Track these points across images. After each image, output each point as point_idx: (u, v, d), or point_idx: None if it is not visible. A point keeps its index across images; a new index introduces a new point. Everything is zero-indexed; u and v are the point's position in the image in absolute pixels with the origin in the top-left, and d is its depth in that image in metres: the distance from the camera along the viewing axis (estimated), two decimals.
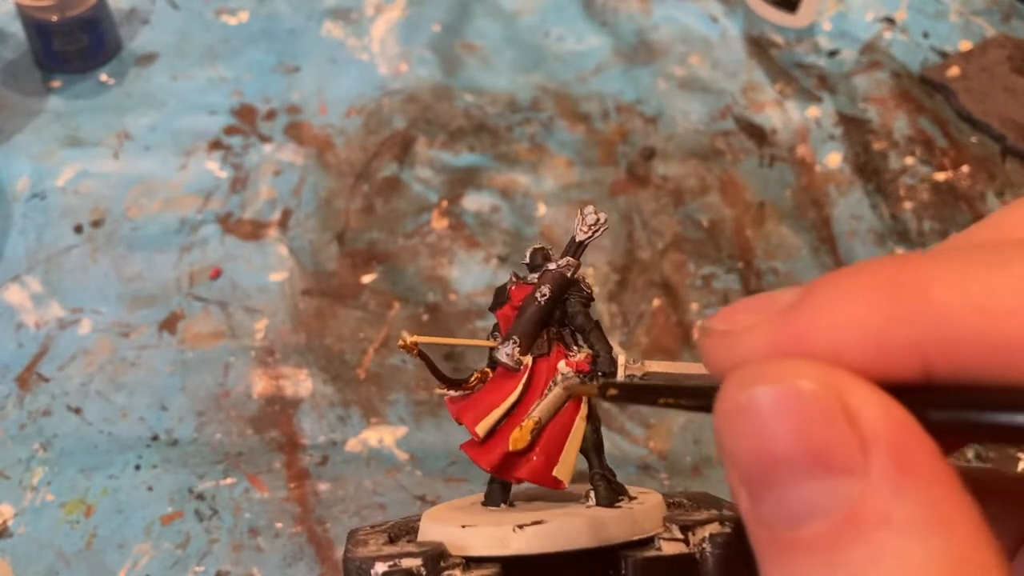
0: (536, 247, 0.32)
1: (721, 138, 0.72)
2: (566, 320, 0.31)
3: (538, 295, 0.30)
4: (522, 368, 0.30)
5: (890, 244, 0.67)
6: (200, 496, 0.53)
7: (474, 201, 0.68)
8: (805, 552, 0.15)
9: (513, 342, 0.30)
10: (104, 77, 0.74)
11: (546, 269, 0.31)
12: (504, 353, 0.30)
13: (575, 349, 0.31)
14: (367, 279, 0.63)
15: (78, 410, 0.56)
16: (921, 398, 0.15)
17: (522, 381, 0.30)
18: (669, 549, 0.29)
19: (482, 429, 0.29)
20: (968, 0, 0.82)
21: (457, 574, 0.26)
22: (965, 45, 0.79)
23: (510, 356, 0.30)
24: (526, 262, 0.32)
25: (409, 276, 0.64)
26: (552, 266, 0.31)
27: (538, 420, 0.29)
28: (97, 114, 0.71)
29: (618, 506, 0.30)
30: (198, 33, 0.77)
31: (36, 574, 0.50)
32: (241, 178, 0.68)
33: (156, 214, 0.66)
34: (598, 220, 0.31)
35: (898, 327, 0.15)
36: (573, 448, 0.30)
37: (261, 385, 0.58)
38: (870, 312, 0.16)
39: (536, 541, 0.27)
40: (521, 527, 0.27)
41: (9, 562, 0.51)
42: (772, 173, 0.70)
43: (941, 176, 0.71)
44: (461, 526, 0.27)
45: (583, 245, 0.31)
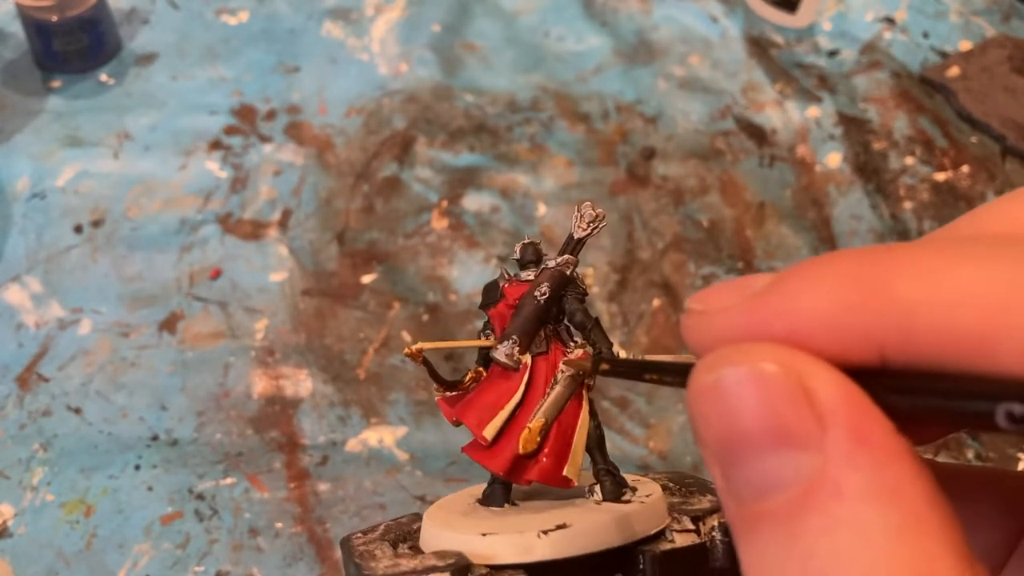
0: (526, 242, 0.32)
1: (721, 138, 0.72)
2: (563, 317, 0.31)
3: (537, 293, 0.30)
4: (521, 367, 0.30)
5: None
6: (200, 496, 0.53)
7: (474, 201, 0.68)
8: (769, 523, 0.16)
9: (512, 341, 0.30)
10: (104, 77, 0.74)
11: (545, 267, 0.31)
12: (503, 352, 0.30)
13: (572, 345, 0.30)
14: (367, 279, 0.63)
15: (78, 410, 0.56)
16: (880, 382, 0.16)
17: (524, 381, 0.30)
18: (682, 540, 0.29)
19: (490, 432, 0.29)
20: (968, 0, 0.82)
21: None
22: (965, 45, 0.79)
23: (509, 355, 0.30)
24: (516, 258, 0.32)
25: (409, 276, 0.64)
26: (551, 264, 0.31)
27: (545, 421, 0.29)
28: (97, 114, 0.71)
29: (625, 500, 0.30)
30: (198, 33, 0.77)
31: (36, 574, 0.50)
32: (241, 178, 0.68)
33: (156, 214, 0.66)
34: (596, 216, 0.31)
35: (856, 315, 0.16)
36: (580, 446, 0.30)
37: (261, 385, 0.58)
38: (832, 300, 0.17)
39: (561, 546, 0.27)
40: (545, 532, 0.27)
41: (9, 562, 0.51)
42: (772, 173, 0.70)
43: (941, 176, 0.71)
44: (481, 534, 0.27)
45: (582, 242, 0.31)
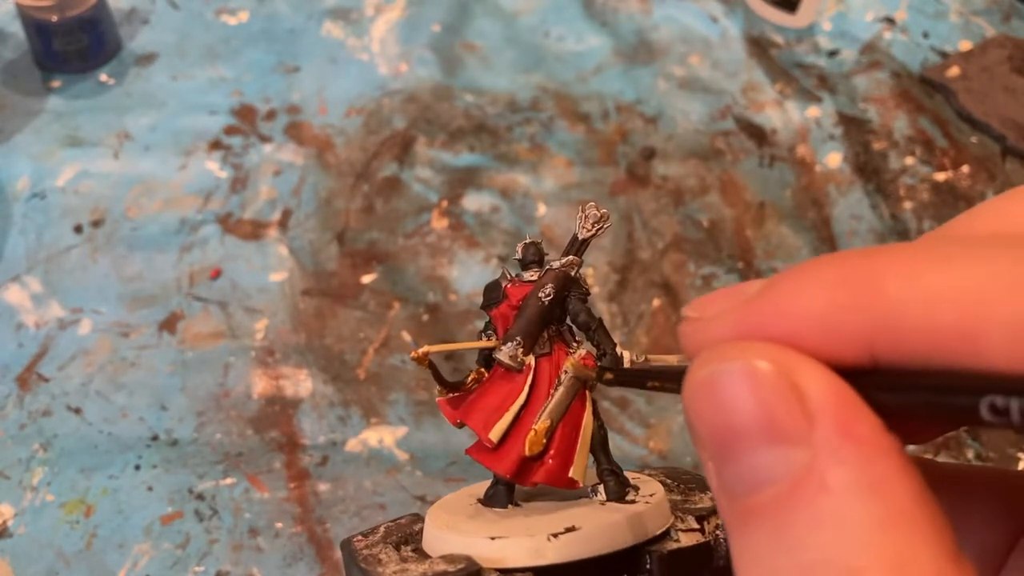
0: (527, 242, 0.31)
1: (721, 138, 0.72)
2: (566, 318, 0.31)
3: (541, 294, 0.30)
4: (525, 368, 0.30)
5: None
6: (200, 496, 0.53)
7: (474, 201, 0.68)
8: (759, 518, 0.17)
9: (516, 342, 0.30)
10: (104, 77, 0.74)
11: (548, 268, 0.31)
12: (506, 354, 0.30)
13: (575, 346, 0.30)
14: (367, 279, 0.63)
15: (78, 410, 0.56)
16: (870, 380, 0.17)
17: (528, 382, 0.30)
18: (687, 540, 0.29)
19: (495, 435, 0.29)
20: (968, 0, 0.82)
21: None
22: (965, 45, 0.79)
23: (513, 357, 0.30)
24: (518, 257, 0.32)
25: (409, 276, 0.64)
26: (555, 264, 0.31)
27: (550, 422, 0.29)
28: (97, 114, 0.71)
29: (629, 500, 0.30)
30: (198, 33, 0.77)
31: (36, 574, 0.50)
32: (241, 178, 0.68)
33: (156, 214, 0.66)
34: (601, 217, 0.31)
35: (846, 315, 0.17)
36: (585, 448, 0.30)
37: (261, 385, 0.58)
38: (824, 300, 0.17)
39: (572, 549, 0.27)
40: (555, 535, 0.27)
41: (9, 562, 0.51)
42: (772, 173, 0.70)
43: (941, 176, 0.71)
44: (490, 537, 0.27)
45: (586, 243, 0.31)
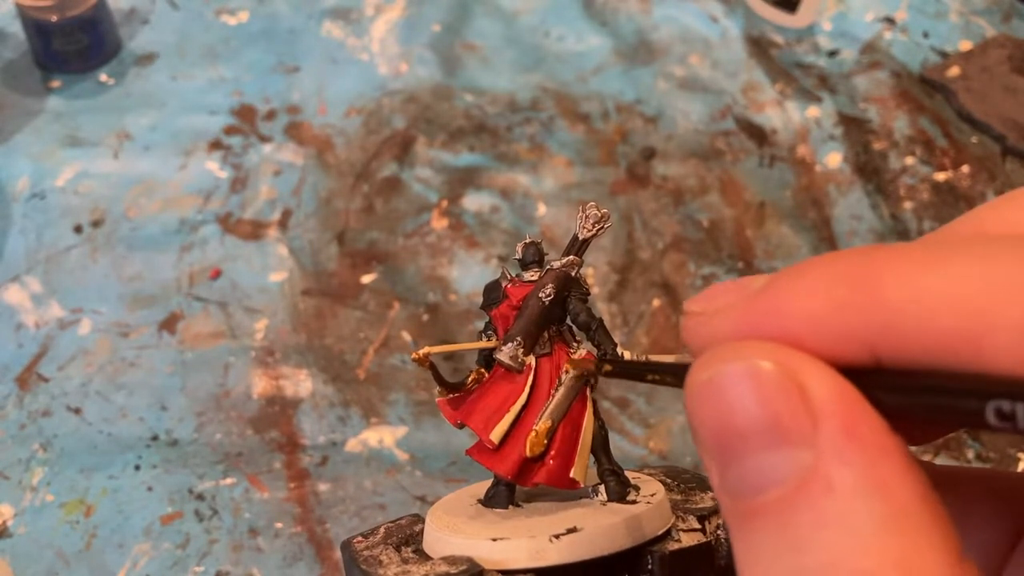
0: (527, 242, 0.31)
1: (721, 138, 0.72)
2: (566, 318, 0.31)
3: (541, 295, 0.30)
4: (525, 369, 0.30)
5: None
6: (200, 496, 0.53)
7: (474, 201, 0.68)
8: (762, 519, 0.16)
9: (516, 342, 0.30)
10: (104, 77, 0.74)
11: (549, 268, 0.31)
12: (507, 354, 0.30)
13: (575, 346, 0.30)
14: (367, 279, 0.63)
15: (78, 410, 0.56)
16: (873, 380, 0.17)
17: (528, 383, 0.30)
18: (688, 540, 0.29)
19: (496, 436, 0.29)
20: (968, 0, 0.82)
21: None
22: (965, 45, 0.79)
23: (513, 357, 0.30)
24: (518, 257, 0.32)
25: (409, 276, 0.64)
26: (556, 264, 0.31)
27: (551, 423, 0.29)
28: (97, 114, 0.71)
29: (630, 500, 0.30)
30: (198, 33, 0.77)
31: (36, 574, 0.50)
32: (241, 178, 0.68)
33: (156, 214, 0.66)
34: (601, 217, 0.31)
35: (848, 315, 0.16)
36: (586, 448, 0.30)
37: (261, 385, 0.58)
38: (825, 299, 0.17)
39: (573, 550, 0.27)
40: (557, 537, 0.27)
41: (9, 562, 0.51)
42: (772, 173, 0.70)
43: (941, 176, 0.71)
44: (492, 539, 0.27)
45: (586, 243, 0.31)
